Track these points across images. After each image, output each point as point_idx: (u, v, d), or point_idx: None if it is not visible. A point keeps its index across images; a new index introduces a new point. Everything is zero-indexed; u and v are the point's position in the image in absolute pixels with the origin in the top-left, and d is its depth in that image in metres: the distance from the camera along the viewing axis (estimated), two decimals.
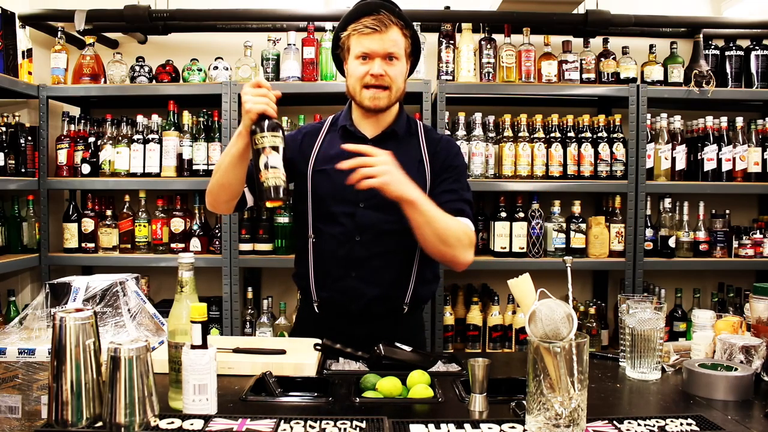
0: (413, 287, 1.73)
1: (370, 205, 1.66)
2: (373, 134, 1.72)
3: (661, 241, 2.85)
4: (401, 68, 1.66)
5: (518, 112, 2.90)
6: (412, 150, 1.74)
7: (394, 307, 1.73)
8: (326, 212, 1.70)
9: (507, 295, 2.85)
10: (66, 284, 1.51)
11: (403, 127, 1.75)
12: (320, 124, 1.81)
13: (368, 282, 1.69)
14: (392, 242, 1.69)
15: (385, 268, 1.69)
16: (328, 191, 1.68)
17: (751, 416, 1.21)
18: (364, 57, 1.62)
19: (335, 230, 1.69)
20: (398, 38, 1.63)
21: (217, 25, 3.01)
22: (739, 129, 2.90)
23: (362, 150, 1.50)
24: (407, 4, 2.95)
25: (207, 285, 3.13)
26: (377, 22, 1.60)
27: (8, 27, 2.65)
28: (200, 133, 2.86)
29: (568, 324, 1.08)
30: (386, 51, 1.61)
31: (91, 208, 2.92)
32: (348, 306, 1.70)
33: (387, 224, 1.66)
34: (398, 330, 1.72)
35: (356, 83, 1.65)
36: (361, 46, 1.62)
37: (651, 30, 3.05)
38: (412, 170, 1.68)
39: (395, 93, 1.66)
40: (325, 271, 1.72)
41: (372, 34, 1.60)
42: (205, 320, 1.17)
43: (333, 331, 1.64)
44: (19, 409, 1.20)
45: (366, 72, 1.62)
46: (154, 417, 1.09)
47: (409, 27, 1.67)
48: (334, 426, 1.08)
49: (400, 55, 1.64)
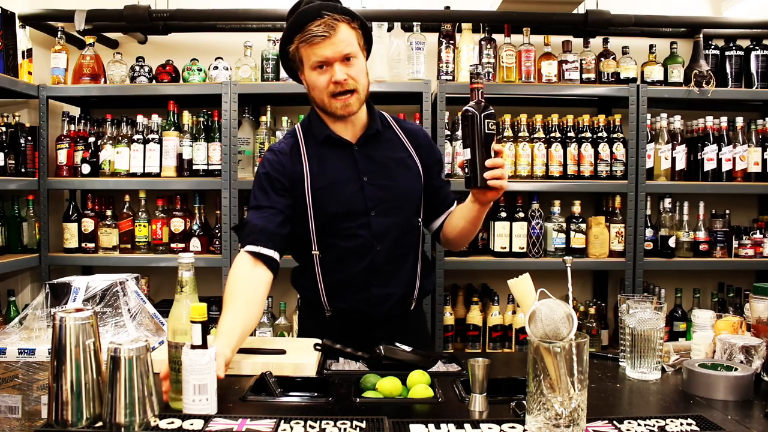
0: (420, 280, 1.74)
1: (380, 211, 1.64)
2: (354, 137, 1.67)
3: (661, 241, 2.85)
4: (361, 65, 1.57)
5: (518, 112, 2.90)
6: (397, 145, 1.72)
7: (406, 306, 1.73)
8: (337, 228, 1.63)
9: (507, 295, 2.85)
10: (66, 284, 1.51)
11: (380, 124, 1.70)
12: (291, 138, 1.69)
13: (390, 286, 1.67)
14: (404, 243, 1.69)
15: (400, 270, 1.69)
16: (337, 207, 1.62)
17: (751, 416, 1.21)
18: (320, 66, 1.54)
19: (352, 244, 1.63)
20: (349, 36, 1.53)
21: (217, 25, 3.01)
22: (739, 129, 2.90)
23: (501, 151, 1.52)
24: (408, 4, 2.97)
25: (207, 285, 3.12)
26: (324, 27, 1.49)
27: (8, 27, 2.65)
28: (200, 133, 2.86)
29: (568, 324, 1.08)
30: (342, 54, 1.52)
31: (91, 208, 2.92)
32: (369, 312, 1.67)
33: (399, 226, 1.67)
34: (407, 327, 1.73)
35: (322, 94, 1.57)
36: (314, 56, 1.52)
37: (651, 30, 3.05)
38: (405, 165, 1.70)
39: (363, 92, 1.59)
40: (342, 284, 1.66)
41: (322, 42, 1.50)
42: (205, 320, 1.17)
43: (346, 336, 1.59)
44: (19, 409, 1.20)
45: (328, 81, 1.54)
46: (154, 417, 1.09)
47: (355, 18, 1.57)
48: (334, 426, 1.08)
49: (356, 53, 1.55)
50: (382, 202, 1.63)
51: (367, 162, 1.65)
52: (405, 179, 1.68)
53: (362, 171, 1.64)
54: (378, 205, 1.63)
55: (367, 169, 1.64)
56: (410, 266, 1.72)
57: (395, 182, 1.66)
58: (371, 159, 1.66)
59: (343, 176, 1.63)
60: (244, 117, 2.92)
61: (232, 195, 2.76)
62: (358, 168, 1.64)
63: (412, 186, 1.69)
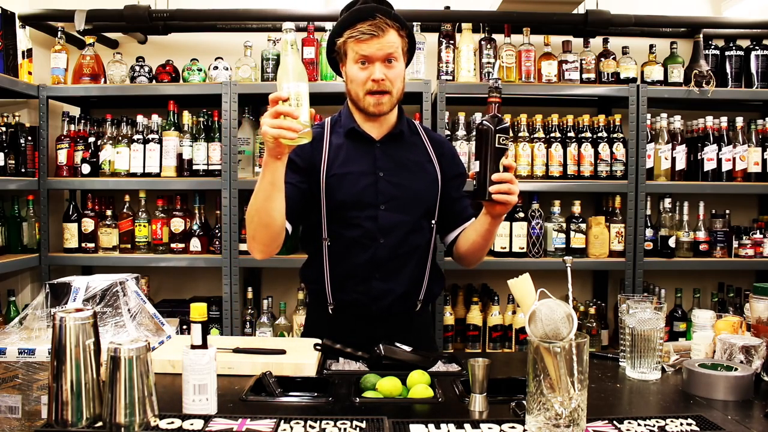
0: (427, 284, 1.76)
1: (390, 207, 1.67)
2: (379, 135, 1.73)
3: (661, 241, 2.85)
4: (400, 69, 1.66)
5: (518, 112, 2.90)
6: (419, 150, 1.77)
7: (409, 306, 1.75)
8: (344, 216, 1.68)
9: (507, 295, 2.85)
10: (66, 284, 1.50)
11: (407, 128, 1.78)
12: (320, 127, 1.78)
13: (391, 282, 1.70)
14: (412, 241, 1.71)
15: (405, 267, 1.71)
16: (346, 195, 1.67)
17: (751, 416, 1.21)
18: (363, 62, 1.62)
19: (356, 233, 1.67)
20: (395, 40, 1.62)
21: (217, 25, 3.01)
22: (739, 129, 2.90)
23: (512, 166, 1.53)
24: (407, 4, 2.97)
25: (207, 285, 3.13)
26: (374, 28, 1.58)
27: (8, 27, 2.65)
28: (200, 133, 2.86)
29: (568, 324, 1.08)
30: (385, 54, 1.60)
31: (91, 208, 2.92)
32: (369, 307, 1.70)
33: (407, 224, 1.69)
34: (411, 328, 1.75)
35: (358, 88, 1.64)
36: (359, 52, 1.61)
37: (651, 30, 3.05)
38: (423, 169, 1.73)
39: (396, 95, 1.67)
40: (346, 275, 1.70)
41: (370, 40, 1.59)
42: (205, 320, 1.17)
43: (349, 332, 1.63)
44: (19, 409, 1.20)
45: (367, 77, 1.62)
46: (154, 417, 1.09)
47: (404, 27, 1.66)
48: (334, 426, 1.08)
49: (398, 56, 1.64)
50: (394, 198, 1.68)
51: (386, 159, 1.70)
52: (421, 181, 1.72)
53: (379, 167, 1.69)
54: (389, 201, 1.67)
55: (385, 165, 1.70)
56: (415, 266, 1.73)
57: (410, 182, 1.71)
58: (391, 157, 1.71)
59: (360, 168, 1.69)
60: (244, 117, 2.92)
61: (232, 195, 2.76)
62: (376, 163, 1.69)
63: (426, 189, 1.73)
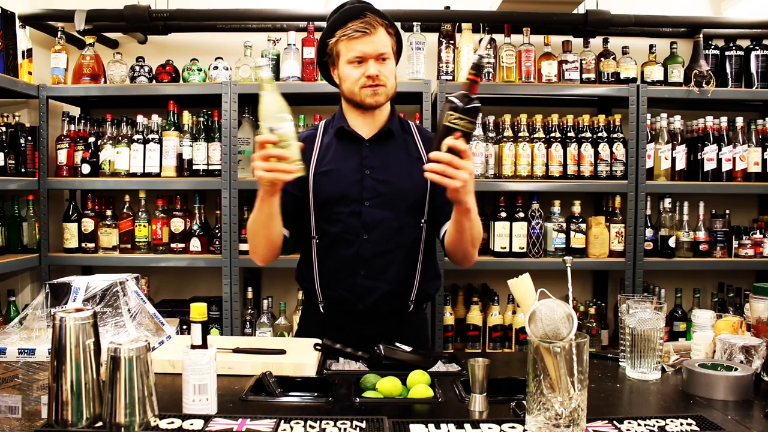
0: (418, 284, 1.75)
1: (375, 203, 1.68)
2: (369, 134, 1.73)
3: (661, 241, 2.85)
4: (392, 67, 1.68)
5: (518, 112, 2.90)
6: (410, 148, 1.77)
7: (400, 305, 1.75)
8: (330, 213, 1.71)
9: (507, 295, 2.85)
10: (66, 284, 1.50)
11: (398, 126, 1.78)
12: (314, 128, 1.81)
13: (377, 279, 1.70)
14: (398, 239, 1.71)
15: (392, 265, 1.71)
16: (331, 192, 1.69)
17: (751, 416, 1.21)
18: (358, 61, 1.63)
19: (341, 229, 1.69)
20: (386, 38, 1.66)
21: (217, 25, 3.01)
22: (739, 129, 2.90)
23: (458, 147, 1.39)
24: (407, 4, 2.97)
25: (207, 285, 3.13)
26: (366, 25, 1.61)
27: (8, 27, 2.65)
28: (200, 133, 2.86)
29: (568, 324, 1.08)
30: (378, 52, 1.63)
31: (91, 208, 2.91)
32: (356, 304, 1.71)
33: (393, 221, 1.69)
34: (404, 328, 1.75)
35: (353, 86, 1.66)
36: (353, 51, 1.63)
37: (651, 30, 3.05)
38: (412, 167, 1.71)
39: (390, 90, 1.69)
40: (332, 271, 1.73)
41: (362, 37, 1.61)
42: (205, 320, 1.17)
43: (339, 331, 1.66)
44: (19, 409, 1.20)
45: (361, 74, 1.63)
46: (154, 417, 1.09)
47: (392, 26, 1.69)
48: (334, 426, 1.08)
49: (390, 55, 1.67)
50: (379, 195, 1.68)
51: (374, 157, 1.71)
52: (408, 178, 1.71)
53: (366, 165, 1.70)
54: (374, 197, 1.68)
55: (372, 163, 1.70)
56: (403, 265, 1.72)
57: (397, 178, 1.70)
58: (378, 155, 1.72)
59: (346, 166, 1.70)
60: (244, 117, 2.92)
61: (232, 195, 2.76)
62: (363, 161, 1.70)
63: (413, 186, 1.71)
